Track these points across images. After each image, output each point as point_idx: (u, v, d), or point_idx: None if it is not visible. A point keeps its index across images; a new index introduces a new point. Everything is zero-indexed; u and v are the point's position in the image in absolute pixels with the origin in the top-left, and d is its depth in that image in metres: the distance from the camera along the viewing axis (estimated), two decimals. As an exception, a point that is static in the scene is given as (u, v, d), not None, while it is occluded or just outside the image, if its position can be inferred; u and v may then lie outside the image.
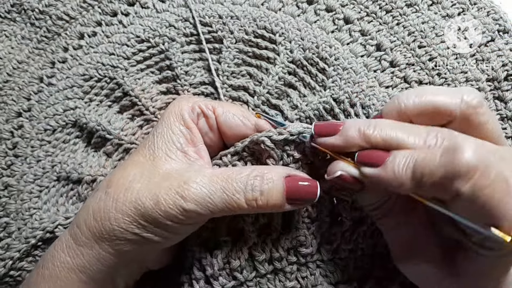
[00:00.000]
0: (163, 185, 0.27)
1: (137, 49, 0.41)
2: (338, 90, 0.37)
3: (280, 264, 0.33)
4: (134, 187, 0.28)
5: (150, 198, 0.27)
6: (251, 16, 0.40)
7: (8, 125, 0.41)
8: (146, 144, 0.30)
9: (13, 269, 0.36)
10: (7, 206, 0.39)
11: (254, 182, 0.28)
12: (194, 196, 0.27)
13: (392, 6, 0.40)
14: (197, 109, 0.31)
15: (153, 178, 0.28)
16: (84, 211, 0.29)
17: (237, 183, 0.28)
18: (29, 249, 0.36)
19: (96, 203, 0.28)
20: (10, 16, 0.44)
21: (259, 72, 0.39)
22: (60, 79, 0.41)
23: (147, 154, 0.30)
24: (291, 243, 0.33)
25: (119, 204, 0.28)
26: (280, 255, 0.33)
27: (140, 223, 0.27)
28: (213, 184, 0.28)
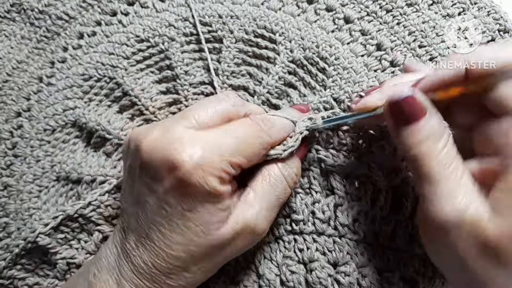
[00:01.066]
0: (239, 236, 0.29)
1: (137, 49, 0.41)
2: (338, 90, 0.37)
3: (278, 231, 0.35)
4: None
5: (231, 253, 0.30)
6: (251, 16, 0.40)
7: (7, 125, 0.41)
8: (195, 220, 0.28)
9: (2, 277, 0.36)
10: (7, 206, 0.39)
11: (289, 171, 0.32)
12: (266, 227, 0.31)
13: (393, 5, 0.40)
14: (227, 177, 0.28)
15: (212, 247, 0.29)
16: (129, 264, 0.29)
17: (280, 186, 0.32)
18: (14, 258, 0.36)
19: (138, 260, 0.29)
20: (9, 16, 0.44)
21: (259, 71, 0.39)
22: (60, 79, 0.41)
23: (198, 230, 0.28)
24: (285, 210, 0.35)
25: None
26: (277, 221, 0.35)
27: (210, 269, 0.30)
28: (266, 204, 0.31)
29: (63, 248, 0.36)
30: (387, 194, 0.34)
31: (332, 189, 0.35)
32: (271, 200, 0.30)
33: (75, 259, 0.36)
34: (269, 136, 0.30)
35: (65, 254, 0.36)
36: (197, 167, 0.26)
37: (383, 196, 0.34)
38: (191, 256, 0.28)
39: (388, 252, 0.34)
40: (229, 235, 0.28)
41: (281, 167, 0.31)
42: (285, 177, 0.31)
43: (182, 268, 0.29)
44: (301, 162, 0.34)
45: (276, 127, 0.31)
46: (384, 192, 0.34)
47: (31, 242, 0.35)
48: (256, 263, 0.35)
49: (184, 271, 0.29)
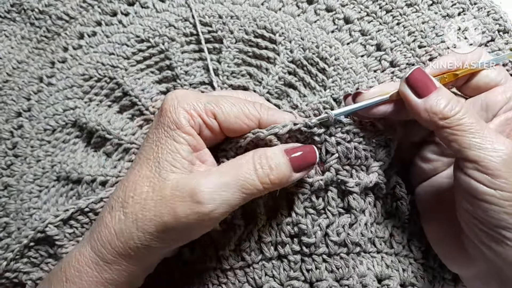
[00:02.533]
0: (176, 197, 0.28)
1: (137, 49, 0.41)
2: (338, 90, 0.37)
3: (284, 250, 0.34)
4: (150, 204, 0.28)
5: (168, 213, 0.28)
6: (251, 16, 0.40)
7: (8, 125, 0.41)
8: (151, 156, 0.30)
9: (8, 270, 0.36)
10: (7, 206, 0.39)
11: (261, 161, 0.29)
12: (209, 196, 0.27)
13: (392, 6, 0.40)
14: (198, 119, 0.30)
15: (164, 191, 0.28)
16: (106, 230, 0.29)
17: (245, 168, 0.29)
18: (22, 250, 0.36)
19: (117, 224, 0.29)
20: (10, 16, 0.44)
21: (259, 72, 0.39)
22: (60, 79, 0.41)
23: (152, 166, 0.30)
24: (293, 229, 0.33)
25: (140, 224, 0.28)
26: (283, 240, 0.33)
27: (163, 238, 0.28)
28: (223, 178, 0.28)
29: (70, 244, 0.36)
30: (383, 200, 0.34)
31: (349, 209, 0.34)
32: (228, 180, 0.28)
33: (79, 256, 0.36)
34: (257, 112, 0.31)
35: (71, 249, 0.36)
36: (175, 97, 0.30)
37: (380, 203, 0.34)
38: (133, 189, 0.29)
39: (386, 259, 0.34)
40: (171, 186, 0.28)
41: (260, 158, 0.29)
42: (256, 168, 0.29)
43: (120, 202, 0.29)
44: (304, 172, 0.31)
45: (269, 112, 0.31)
46: (381, 199, 0.34)
47: (40, 232, 0.35)
48: (257, 280, 0.34)
49: (121, 207, 0.29)
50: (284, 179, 0.29)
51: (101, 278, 0.29)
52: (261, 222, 0.34)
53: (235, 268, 0.34)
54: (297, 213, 0.33)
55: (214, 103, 0.30)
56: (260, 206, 0.34)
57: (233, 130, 0.31)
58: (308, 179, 0.33)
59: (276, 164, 0.29)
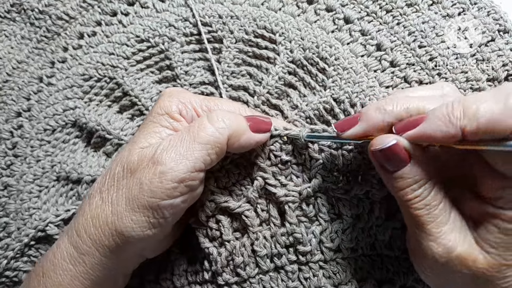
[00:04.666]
0: (141, 166, 0.28)
1: (137, 49, 0.41)
2: (338, 90, 0.37)
3: (280, 261, 0.33)
4: (122, 183, 0.28)
5: (135, 185, 0.28)
6: (251, 16, 0.40)
7: (7, 125, 0.41)
8: (131, 140, 0.31)
9: (8, 269, 0.36)
10: (7, 206, 0.39)
11: (217, 113, 0.29)
12: (165, 155, 0.27)
13: (392, 6, 0.40)
14: (192, 112, 0.31)
15: (132, 166, 0.29)
16: (82, 218, 0.29)
17: (201, 121, 0.29)
18: (22, 248, 0.36)
19: (94, 210, 0.29)
20: (9, 16, 0.44)
21: (259, 72, 0.39)
22: (60, 79, 0.41)
23: (127, 147, 0.30)
24: (288, 239, 0.33)
25: (114, 206, 0.28)
26: (279, 251, 0.33)
27: (134, 219, 0.28)
28: (180, 135, 0.28)
29: None
30: (381, 204, 0.33)
31: (340, 215, 0.33)
32: (184, 135, 0.28)
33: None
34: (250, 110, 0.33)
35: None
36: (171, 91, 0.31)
37: (377, 207, 0.33)
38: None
39: (386, 262, 0.34)
40: (138, 156, 0.28)
41: (217, 115, 0.29)
42: (208, 118, 0.29)
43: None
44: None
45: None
46: (378, 203, 0.33)
47: (40, 230, 0.36)
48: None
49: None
50: (240, 130, 0.29)
51: (76, 272, 0.28)
52: (254, 236, 0.33)
53: (231, 284, 0.34)
54: (290, 222, 0.33)
55: (211, 100, 0.31)
56: (250, 219, 0.33)
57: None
58: (296, 187, 0.33)
59: (229, 116, 0.29)
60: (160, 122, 0.30)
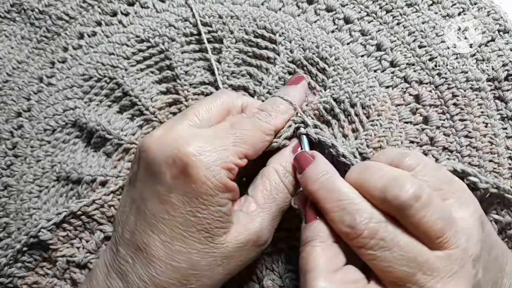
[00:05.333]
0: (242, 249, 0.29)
1: (137, 49, 0.41)
2: (338, 90, 0.37)
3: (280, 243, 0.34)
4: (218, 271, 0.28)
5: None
6: (251, 16, 0.40)
7: (8, 125, 0.41)
8: (193, 228, 0.27)
9: (2, 275, 0.35)
10: (7, 206, 0.39)
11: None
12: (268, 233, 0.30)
13: (392, 6, 0.40)
14: (236, 169, 0.28)
15: (228, 254, 0.28)
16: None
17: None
18: (15, 255, 0.35)
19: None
20: (9, 16, 0.44)
21: (259, 72, 0.39)
22: (60, 79, 0.41)
23: (202, 238, 0.27)
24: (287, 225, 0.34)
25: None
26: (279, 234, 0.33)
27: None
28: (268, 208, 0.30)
29: (64, 246, 0.36)
30: None
31: None
32: (272, 211, 0.29)
33: (75, 257, 0.36)
34: (268, 123, 0.30)
35: (65, 252, 0.36)
36: (203, 159, 0.26)
37: None
38: (193, 267, 0.27)
39: None
40: (232, 245, 0.28)
41: (282, 175, 0.30)
42: (285, 185, 0.30)
43: (181, 283, 0.27)
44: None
45: (272, 114, 0.31)
46: None
47: (33, 237, 0.35)
48: (258, 274, 0.34)
49: (183, 286, 0.27)
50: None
51: None
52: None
53: None
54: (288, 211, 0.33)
55: (240, 143, 0.28)
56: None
57: (259, 153, 0.30)
58: None
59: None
60: (219, 203, 0.28)
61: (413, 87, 0.38)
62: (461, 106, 0.37)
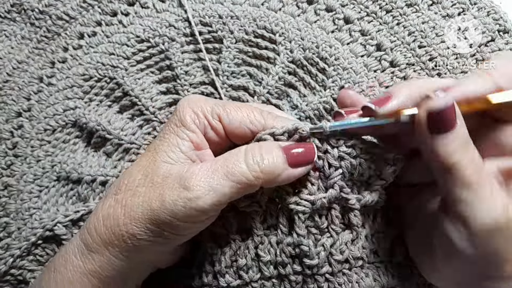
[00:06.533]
0: (166, 184, 0.28)
1: (137, 49, 0.41)
2: (338, 90, 0.37)
3: (284, 270, 0.32)
4: (140, 190, 0.28)
5: (156, 199, 0.27)
6: (251, 16, 0.40)
7: (8, 125, 0.41)
8: (151, 148, 0.30)
9: (14, 267, 0.36)
10: (7, 206, 0.39)
11: (254, 150, 0.28)
12: (196, 182, 0.27)
13: (392, 6, 0.40)
14: (204, 120, 0.30)
15: (156, 178, 0.28)
16: (94, 217, 0.29)
17: (236, 155, 0.28)
18: (29, 247, 0.36)
19: (106, 210, 0.29)
20: (10, 16, 0.44)
21: (259, 72, 0.39)
22: (60, 79, 0.41)
23: (150, 156, 0.30)
24: (294, 250, 0.32)
25: (127, 210, 0.28)
26: (283, 260, 0.32)
27: (149, 227, 0.27)
28: (213, 165, 0.28)
29: None
30: (382, 211, 0.33)
31: (350, 225, 0.32)
32: (217, 167, 0.28)
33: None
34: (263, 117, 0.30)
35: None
36: (186, 100, 0.31)
37: (379, 214, 0.33)
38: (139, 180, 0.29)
39: (390, 268, 0.33)
40: (163, 173, 0.28)
41: (253, 148, 0.29)
42: (246, 156, 0.28)
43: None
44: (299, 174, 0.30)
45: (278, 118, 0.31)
46: (379, 211, 0.33)
47: (49, 230, 0.36)
48: None
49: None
50: (277, 171, 0.28)
51: (85, 269, 0.29)
52: (258, 239, 0.32)
53: (233, 287, 0.32)
54: (298, 234, 0.31)
55: (221, 107, 0.30)
56: (256, 222, 0.32)
57: (237, 134, 0.30)
58: (310, 196, 0.31)
59: (267, 151, 0.28)
60: (178, 134, 0.30)
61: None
62: (461, 106, 0.37)
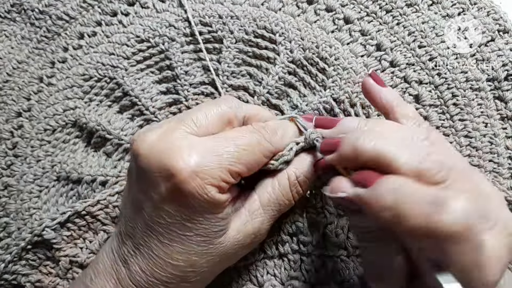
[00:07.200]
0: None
1: (137, 49, 0.41)
2: (338, 90, 0.37)
3: (284, 248, 0.34)
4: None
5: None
6: (251, 16, 0.40)
7: (8, 125, 0.41)
8: (194, 229, 0.27)
9: (7, 272, 0.36)
10: (7, 206, 0.39)
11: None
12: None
13: (392, 6, 0.40)
14: (226, 186, 0.27)
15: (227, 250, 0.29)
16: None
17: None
18: (19, 252, 0.36)
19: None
20: (10, 16, 0.44)
21: (259, 72, 0.39)
22: (60, 79, 0.41)
23: (199, 240, 0.28)
24: (291, 227, 0.34)
25: None
26: (282, 238, 0.34)
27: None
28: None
29: (68, 246, 0.36)
30: None
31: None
32: (274, 214, 0.30)
33: (78, 257, 0.36)
34: (271, 144, 0.29)
35: (68, 251, 0.36)
36: (194, 175, 0.25)
37: None
38: (191, 265, 0.28)
39: None
40: (231, 244, 0.28)
41: (292, 183, 0.30)
42: (292, 194, 0.30)
43: (181, 278, 0.28)
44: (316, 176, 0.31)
45: (278, 135, 0.30)
46: None
47: (37, 235, 0.35)
48: (259, 278, 0.34)
49: (183, 281, 0.28)
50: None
51: None
52: None
53: (239, 267, 0.34)
54: (295, 212, 0.33)
55: (235, 163, 0.27)
56: None
57: (253, 172, 0.29)
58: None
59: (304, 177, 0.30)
60: (216, 222, 0.28)
61: (413, 87, 0.38)
62: (460, 106, 0.37)
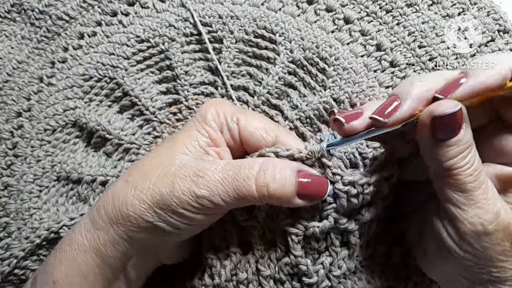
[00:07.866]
0: (178, 174, 0.29)
1: (137, 49, 0.41)
2: (338, 90, 0.37)
3: (283, 287, 0.32)
4: (152, 176, 0.29)
5: (166, 185, 0.28)
6: (251, 16, 0.40)
7: (8, 125, 0.41)
8: (172, 139, 0.32)
9: (18, 267, 0.36)
10: (7, 206, 0.39)
11: (268, 168, 0.28)
12: (206, 182, 0.28)
13: (392, 6, 0.40)
14: (223, 120, 0.31)
15: (170, 167, 0.29)
16: (104, 196, 0.30)
17: (249, 170, 0.28)
18: (33, 249, 0.36)
19: (116, 190, 0.30)
20: (10, 16, 0.44)
21: (259, 72, 0.39)
22: (60, 79, 0.41)
23: (168, 147, 0.31)
24: (292, 270, 0.31)
25: (137, 191, 0.28)
26: (281, 278, 0.32)
27: (155, 211, 0.28)
28: (226, 171, 0.28)
29: None
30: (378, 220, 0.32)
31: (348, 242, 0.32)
32: (228, 176, 0.28)
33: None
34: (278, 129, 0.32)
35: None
36: (212, 101, 0.34)
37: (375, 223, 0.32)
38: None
39: (386, 270, 0.33)
40: (178, 164, 0.29)
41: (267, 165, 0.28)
42: (258, 173, 0.28)
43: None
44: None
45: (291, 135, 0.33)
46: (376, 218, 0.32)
47: (54, 232, 0.36)
48: None
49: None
50: (284, 198, 0.28)
51: (89, 247, 0.29)
52: (259, 254, 0.32)
53: None
54: (295, 255, 0.31)
55: (242, 113, 0.32)
56: (255, 237, 0.32)
57: (250, 141, 0.31)
58: (304, 221, 0.30)
59: (281, 177, 0.28)
60: (198, 128, 0.31)
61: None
62: (461, 106, 0.37)
